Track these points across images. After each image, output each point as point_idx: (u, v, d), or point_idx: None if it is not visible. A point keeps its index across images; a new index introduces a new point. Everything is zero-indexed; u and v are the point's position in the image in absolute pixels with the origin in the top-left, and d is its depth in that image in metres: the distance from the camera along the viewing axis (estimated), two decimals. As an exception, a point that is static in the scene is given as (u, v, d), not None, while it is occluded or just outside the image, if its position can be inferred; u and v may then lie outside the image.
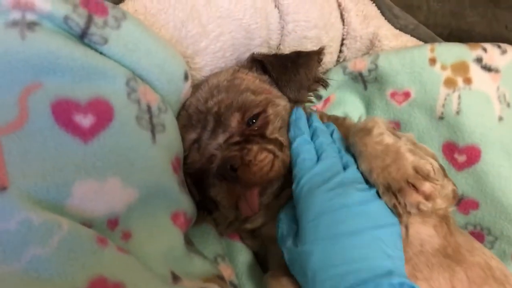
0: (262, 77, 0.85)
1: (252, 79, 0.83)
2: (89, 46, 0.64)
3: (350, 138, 0.77)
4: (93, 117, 0.61)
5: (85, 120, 0.61)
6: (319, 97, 1.02)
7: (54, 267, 0.52)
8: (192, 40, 0.80)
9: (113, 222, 0.62)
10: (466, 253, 0.77)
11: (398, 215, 0.70)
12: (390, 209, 0.69)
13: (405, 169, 0.69)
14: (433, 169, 0.70)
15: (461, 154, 0.94)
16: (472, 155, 0.93)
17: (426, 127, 0.97)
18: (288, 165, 0.77)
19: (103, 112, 0.63)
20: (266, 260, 0.86)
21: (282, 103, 0.82)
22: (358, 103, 1.05)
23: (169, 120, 0.73)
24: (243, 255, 0.86)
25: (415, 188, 0.68)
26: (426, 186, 0.68)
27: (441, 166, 0.80)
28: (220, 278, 0.72)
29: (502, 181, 0.92)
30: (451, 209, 0.81)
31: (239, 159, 0.72)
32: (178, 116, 0.82)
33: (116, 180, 0.62)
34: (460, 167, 0.95)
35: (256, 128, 0.77)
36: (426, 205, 0.68)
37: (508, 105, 0.94)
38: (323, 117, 0.91)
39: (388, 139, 0.74)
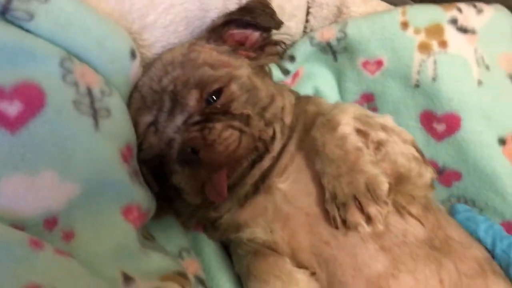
0: (221, 48, 0.78)
1: (210, 52, 0.76)
2: (12, 23, 0.57)
3: (314, 130, 0.72)
4: (20, 104, 0.54)
5: (11, 108, 0.54)
6: (286, 72, 0.95)
7: (-22, 278, 0.45)
8: (138, 14, 0.72)
9: (51, 222, 0.55)
10: (458, 246, 0.73)
11: (335, 227, 0.67)
12: None
13: (357, 184, 0.66)
14: (390, 188, 0.66)
15: (440, 123, 0.88)
16: (452, 123, 0.87)
17: (401, 97, 0.91)
18: (258, 138, 0.72)
19: (32, 98, 0.55)
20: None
21: (245, 72, 0.76)
22: (328, 76, 0.98)
23: (116, 104, 0.66)
24: (209, 246, 0.80)
25: (361, 206, 0.65)
26: (372, 209, 0.65)
27: (419, 151, 0.77)
28: (180, 275, 0.65)
29: (484, 149, 0.86)
30: (431, 195, 0.78)
31: (201, 140, 0.66)
32: (130, 99, 0.75)
33: (52, 174, 0.55)
34: (439, 137, 0.89)
35: (218, 106, 0.71)
36: (365, 229, 0.65)
37: (487, 67, 0.88)
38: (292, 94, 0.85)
39: (351, 143, 0.69)
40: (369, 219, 0.65)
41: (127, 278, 0.57)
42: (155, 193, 0.76)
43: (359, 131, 0.72)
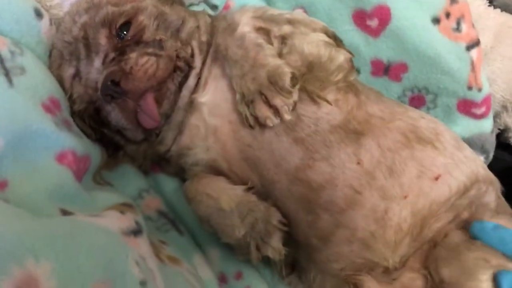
0: None
1: None
2: None
3: (218, 36, 0.74)
4: None
5: None
6: (214, 7, 0.96)
7: None
8: (37, -24, 0.74)
9: (-19, 175, 0.58)
10: (380, 122, 0.73)
11: (249, 127, 0.69)
12: None
13: (260, 79, 0.67)
14: (294, 77, 0.67)
15: (372, 19, 0.88)
16: (383, 15, 0.86)
17: (330, 3, 0.90)
18: (176, 58, 0.73)
19: None
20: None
21: (150, 2, 0.77)
22: (258, 1, 0.98)
23: (30, 62, 0.68)
24: (169, 184, 0.83)
25: (268, 100, 0.66)
26: (277, 101, 0.66)
27: (333, 35, 0.77)
28: (125, 205, 0.67)
29: (421, 32, 0.86)
30: (352, 78, 0.77)
31: (119, 72, 0.68)
32: (50, 57, 0.77)
33: (-28, 131, 0.57)
34: (375, 33, 0.89)
35: (129, 38, 0.72)
36: (273, 121, 0.67)
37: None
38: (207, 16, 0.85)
39: (250, 41, 0.70)
40: (276, 111, 0.66)
41: (66, 213, 0.60)
42: (107, 144, 0.80)
43: (260, 29, 0.72)
